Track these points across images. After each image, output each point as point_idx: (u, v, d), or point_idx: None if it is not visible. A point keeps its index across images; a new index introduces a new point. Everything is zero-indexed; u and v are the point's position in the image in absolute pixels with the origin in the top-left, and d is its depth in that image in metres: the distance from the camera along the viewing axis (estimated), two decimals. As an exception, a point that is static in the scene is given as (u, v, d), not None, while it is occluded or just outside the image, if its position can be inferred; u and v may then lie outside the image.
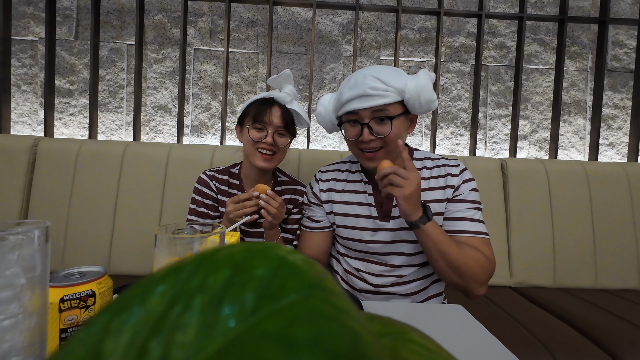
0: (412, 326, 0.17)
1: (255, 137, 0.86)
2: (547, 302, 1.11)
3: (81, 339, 0.10)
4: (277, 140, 0.87)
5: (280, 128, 0.87)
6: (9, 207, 1.20)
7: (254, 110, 0.86)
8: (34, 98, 1.57)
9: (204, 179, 0.95)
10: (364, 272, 0.81)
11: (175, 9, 1.60)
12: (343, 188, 0.86)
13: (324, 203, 0.87)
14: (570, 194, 1.30)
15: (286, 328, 0.09)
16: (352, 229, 0.82)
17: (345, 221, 0.83)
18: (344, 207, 0.84)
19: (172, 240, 0.38)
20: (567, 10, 1.55)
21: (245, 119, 0.89)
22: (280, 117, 0.86)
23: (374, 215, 0.80)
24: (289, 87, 0.89)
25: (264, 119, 0.85)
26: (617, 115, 1.70)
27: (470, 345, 0.48)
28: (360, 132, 0.74)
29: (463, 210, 0.76)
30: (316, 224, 0.88)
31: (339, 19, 1.65)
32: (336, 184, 0.87)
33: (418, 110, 0.74)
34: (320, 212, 0.88)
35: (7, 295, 0.28)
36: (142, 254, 1.20)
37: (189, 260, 0.12)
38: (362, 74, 0.72)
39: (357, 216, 0.82)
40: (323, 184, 0.89)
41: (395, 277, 0.79)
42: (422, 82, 0.71)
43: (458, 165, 0.81)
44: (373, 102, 0.71)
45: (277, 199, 0.81)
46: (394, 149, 0.75)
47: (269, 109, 0.86)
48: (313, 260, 0.13)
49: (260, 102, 0.87)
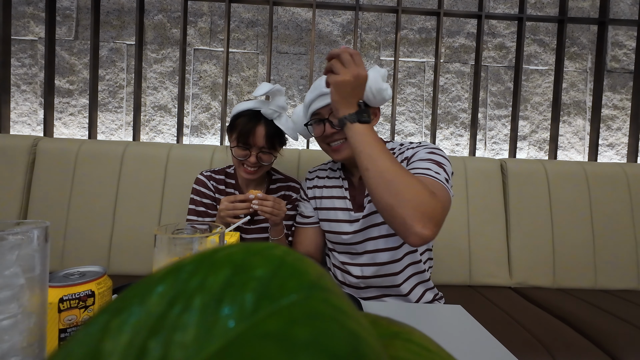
0: (411, 326, 0.17)
1: (239, 155, 0.88)
2: (547, 303, 1.11)
3: (80, 339, 0.10)
4: (262, 158, 0.89)
5: (264, 148, 0.88)
6: (9, 207, 1.20)
7: (239, 129, 0.86)
8: (33, 98, 1.57)
9: (202, 179, 0.98)
10: (348, 265, 0.85)
11: (175, 9, 1.60)
12: (324, 184, 0.92)
13: (311, 199, 0.95)
14: (569, 194, 1.31)
15: (286, 328, 0.09)
16: (332, 221, 0.87)
17: (326, 215, 0.89)
18: (324, 202, 0.90)
19: (172, 240, 0.38)
20: (566, 11, 1.55)
21: (232, 132, 0.89)
22: (264, 137, 0.87)
23: (349, 207, 0.85)
24: (279, 101, 0.88)
25: (247, 140, 0.86)
26: (617, 116, 1.70)
27: (470, 345, 0.48)
28: (324, 129, 0.79)
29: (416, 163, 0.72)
30: (307, 219, 0.94)
31: (338, 20, 1.65)
32: (319, 181, 0.94)
33: (373, 102, 0.78)
34: (309, 207, 0.95)
35: (6, 295, 0.28)
36: (141, 254, 1.20)
37: (188, 261, 0.12)
38: (320, 78, 0.79)
39: (335, 209, 0.87)
40: (310, 182, 0.96)
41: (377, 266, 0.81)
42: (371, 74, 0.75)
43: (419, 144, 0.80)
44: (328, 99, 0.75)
45: (269, 197, 0.83)
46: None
47: (253, 130, 0.86)
48: (313, 261, 0.13)
49: (247, 118, 0.87)
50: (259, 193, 0.83)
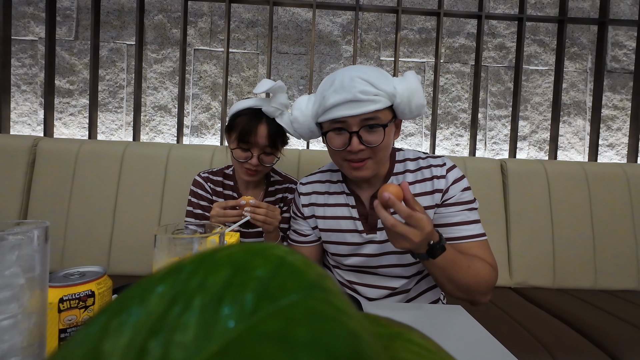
0: (411, 327, 0.17)
1: (241, 157, 0.83)
2: (547, 303, 1.11)
3: (80, 339, 0.10)
4: (263, 159, 0.84)
5: (266, 147, 0.83)
6: (9, 207, 1.20)
7: (240, 128, 0.81)
8: (33, 98, 1.57)
9: (199, 181, 0.96)
10: (357, 284, 0.79)
11: (175, 9, 1.60)
12: (325, 202, 0.80)
13: (308, 218, 0.82)
14: (569, 194, 1.30)
15: (286, 328, 0.09)
16: (339, 244, 0.77)
17: (331, 237, 0.78)
18: (328, 223, 0.78)
19: (172, 240, 0.38)
20: (566, 11, 1.55)
21: (232, 132, 0.84)
22: (266, 137, 0.82)
23: (360, 229, 0.75)
24: (281, 98, 0.82)
25: (249, 139, 0.81)
26: (617, 116, 1.70)
27: (470, 345, 0.48)
28: (348, 142, 0.65)
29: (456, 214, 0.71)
30: (303, 237, 0.84)
31: (339, 20, 1.65)
32: (318, 197, 0.81)
33: (407, 116, 0.69)
34: (305, 225, 0.83)
35: (6, 295, 0.28)
36: (141, 254, 1.20)
37: (188, 261, 0.12)
38: (349, 76, 0.63)
39: (342, 231, 0.76)
40: (304, 198, 0.82)
41: (388, 290, 0.76)
42: (413, 85, 0.65)
43: (444, 165, 0.74)
44: (364, 109, 0.63)
45: (262, 205, 0.79)
46: (383, 159, 0.70)
47: (255, 128, 0.81)
48: (312, 261, 0.13)
49: (248, 117, 0.82)
50: (252, 200, 0.79)
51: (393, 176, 0.76)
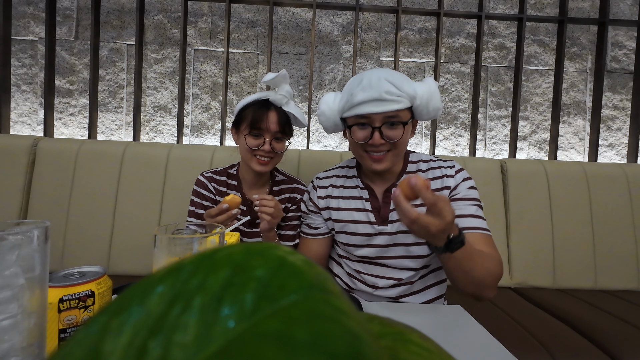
0: (411, 327, 0.17)
1: (253, 144, 0.85)
2: (547, 303, 1.11)
3: (80, 339, 0.10)
4: (275, 146, 0.87)
5: (277, 133, 0.86)
6: (9, 207, 1.20)
7: (250, 117, 0.85)
8: (33, 98, 1.57)
9: (202, 181, 0.95)
10: (364, 274, 0.82)
11: (175, 9, 1.60)
12: (340, 194, 0.85)
13: (322, 210, 0.87)
14: (569, 195, 1.30)
15: (286, 329, 0.09)
16: (351, 234, 0.82)
17: (344, 227, 0.83)
18: (342, 214, 0.83)
19: (172, 240, 0.38)
20: (566, 11, 1.55)
21: (241, 123, 0.87)
22: (276, 122, 0.85)
23: (372, 220, 0.80)
24: (286, 87, 0.87)
25: (260, 125, 0.84)
26: (617, 116, 1.70)
27: (470, 346, 0.48)
28: (370, 136, 0.72)
29: (464, 207, 0.75)
30: (315, 230, 0.88)
31: (339, 20, 1.65)
32: (333, 190, 0.86)
33: (424, 117, 0.75)
34: (318, 219, 0.88)
35: (6, 295, 0.28)
36: (141, 254, 1.20)
37: (188, 261, 0.12)
38: (376, 76, 0.70)
39: (355, 222, 0.81)
40: (321, 191, 0.88)
41: (394, 280, 0.79)
42: (432, 88, 0.72)
43: (453, 167, 0.80)
44: (388, 107, 0.69)
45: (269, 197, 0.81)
46: (400, 153, 0.76)
47: (265, 115, 0.84)
48: (313, 261, 0.13)
49: (256, 106, 0.86)
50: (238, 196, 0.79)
51: (406, 174, 0.81)
